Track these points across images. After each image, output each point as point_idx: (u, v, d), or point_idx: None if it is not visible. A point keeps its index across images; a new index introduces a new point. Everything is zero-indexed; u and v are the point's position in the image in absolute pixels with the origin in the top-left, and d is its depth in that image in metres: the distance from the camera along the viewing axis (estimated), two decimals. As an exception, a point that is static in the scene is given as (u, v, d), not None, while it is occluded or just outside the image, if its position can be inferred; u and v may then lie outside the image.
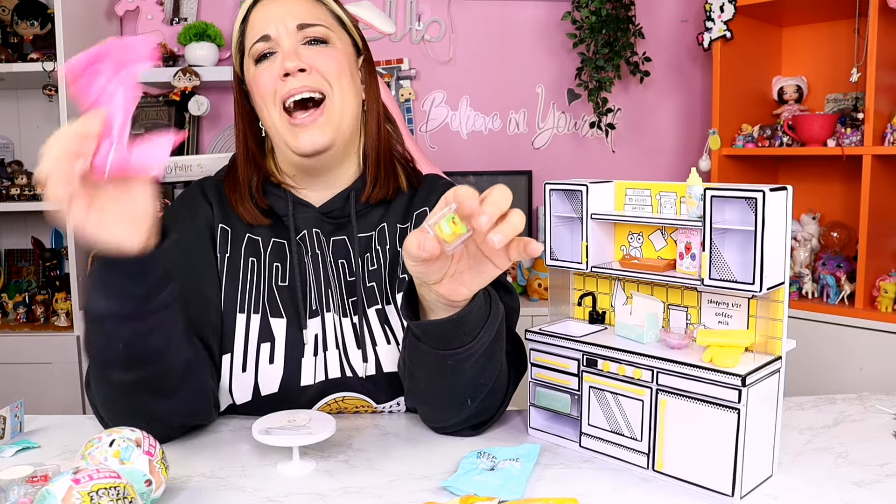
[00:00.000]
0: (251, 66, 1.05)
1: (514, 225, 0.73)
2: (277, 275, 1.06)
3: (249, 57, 1.05)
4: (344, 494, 0.82)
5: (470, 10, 2.71)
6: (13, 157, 2.62)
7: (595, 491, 0.83)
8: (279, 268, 1.06)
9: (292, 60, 1.01)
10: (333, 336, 1.04)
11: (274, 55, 1.03)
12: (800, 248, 2.36)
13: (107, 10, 2.53)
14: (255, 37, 1.04)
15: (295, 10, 1.06)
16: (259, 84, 1.03)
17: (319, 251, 1.07)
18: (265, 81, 1.02)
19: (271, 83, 1.02)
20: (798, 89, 2.53)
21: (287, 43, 1.03)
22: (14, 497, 0.72)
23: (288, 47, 1.02)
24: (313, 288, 1.06)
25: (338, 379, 1.03)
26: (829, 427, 1.00)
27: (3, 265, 2.63)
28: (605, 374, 0.89)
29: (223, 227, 1.07)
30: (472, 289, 0.81)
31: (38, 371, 2.29)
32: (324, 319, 1.05)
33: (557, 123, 2.78)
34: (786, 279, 0.82)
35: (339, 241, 1.08)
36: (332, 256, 1.07)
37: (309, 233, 1.07)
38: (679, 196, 0.88)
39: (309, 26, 1.04)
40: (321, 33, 1.05)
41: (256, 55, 1.04)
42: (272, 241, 1.07)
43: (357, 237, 1.08)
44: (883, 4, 2.05)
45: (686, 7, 2.75)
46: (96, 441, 0.77)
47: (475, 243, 0.78)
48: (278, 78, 1.01)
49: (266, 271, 1.06)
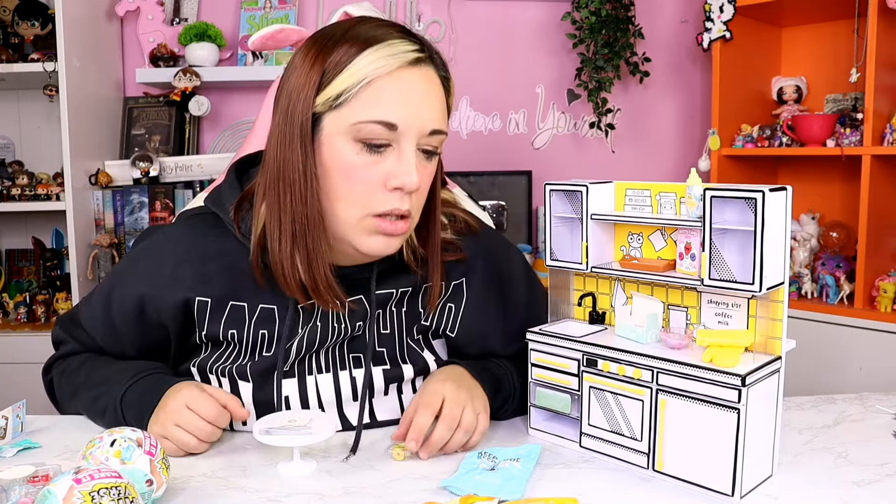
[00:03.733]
0: (348, 141, 0.86)
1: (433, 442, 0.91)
2: (262, 344, 0.97)
3: (353, 129, 0.86)
4: (344, 494, 0.82)
5: (470, 10, 2.71)
6: (14, 157, 2.62)
7: (595, 491, 0.83)
8: (265, 336, 0.96)
9: (415, 178, 0.86)
10: (316, 392, 0.99)
11: (386, 150, 0.87)
12: (799, 248, 2.36)
13: (107, 11, 2.53)
14: (380, 115, 0.85)
15: (433, 106, 0.90)
16: (356, 178, 0.87)
17: (323, 319, 0.97)
18: (367, 180, 0.87)
19: (375, 185, 0.87)
20: (797, 89, 2.53)
21: (410, 150, 0.87)
22: (15, 497, 0.72)
23: (411, 157, 0.87)
24: (303, 352, 0.98)
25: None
26: (829, 427, 1.00)
27: (3, 265, 2.63)
28: (606, 375, 0.89)
29: (200, 300, 0.96)
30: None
31: (39, 371, 2.29)
32: (316, 381, 0.99)
33: (557, 123, 2.78)
34: (785, 279, 0.82)
35: (353, 301, 0.96)
36: (344, 321, 0.98)
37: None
38: (679, 196, 0.88)
39: (437, 133, 0.90)
40: (440, 143, 0.92)
41: (368, 139, 0.86)
42: (260, 307, 0.96)
43: (375, 294, 0.98)
44: (882, 5, 2.05)
45: (686, 7, 2.75)
46: (97, 441, 0.78)
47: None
48: (383, 186, 0.87)
49: (249, 341, 0.97)
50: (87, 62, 2.37)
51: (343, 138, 0.87)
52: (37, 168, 2.52)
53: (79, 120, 2.31)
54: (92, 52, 2.42)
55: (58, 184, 2.38)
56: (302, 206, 0.87)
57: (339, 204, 0.88)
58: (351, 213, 0.88)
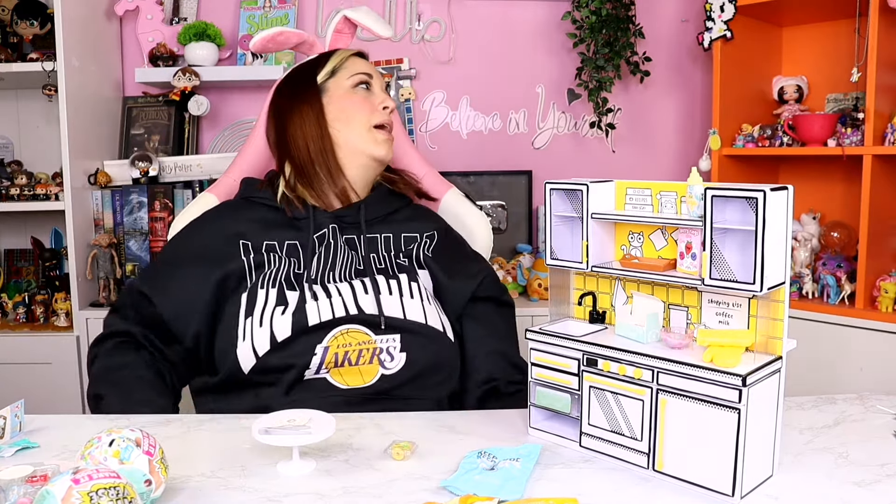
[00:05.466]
0: (347, 84, 1.34)
1: None
2: (293, 265, 1.25)
3: (349, 79, 1.34)
4: (344, 494, 0.82)
5: (470, 10, 2.70)
6: (13, 157, 2.62)
7: (595, 491, 0.83)
8: (294, 262, 1.25)
9: (392, 102, 1.36)
10: (338, 290, 1.22)
11: (371, 88, 1.36)
12: (800, 248, 2.35)
13: (106, 10, 2.52)
14: (358, 70, 1.35)
15: (374, 69, 1.40)
16: (356, 103, 1.33)
17: (333, 240, 1.28)
18: (367, 103, 1.33)
19: (370, 107, 1.33)
20: (798, 89, 2.53)
21: (381, 88, 1.37)
22: (14, 497, 0.72)
23: (384, 92, 1.37)
24: (325, 268, 1.25)
25: (343, 316, 1.18)
26: (830, 427, 1.00)
27: (2, 265, 2.63)
28: (606, 374, 0.89)
29: (244, 242, 1.27)
30: None
31: (38, 371, 2.29)
32: (337, 288, 1.23)
33: (557, 123, 2.78)
34: (786, 279, 0.82)
35: (350, 239, 1.30)
36: (345, 246, 1.29)
37: (327, 229, 1.29)
38: (679, 196, 0.88)
39: (388, 87, 1.38)
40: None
41: (358, 81, 1.34)
42: (286, 243, 1.27)
43: (365, 234, 1.31)
44: (883, 4, 2.04)
45: (686, 7, 2.75)
46: (96, 441, 0.77)
47: None
48: (378, 107, 1.33)
49: (284, 262, 1.25)
50: (86, 62, 2.37)
51: (344, 85, 1.34)
52: (36, 168, 2.51)
53: (78, 120, 2.31)
54: (91, 52, 2.42)
55: (57, 184, 2.38)
56: (320, 141, 1.31)
57: (352, 124, 1.32)
58: (360, 128, 1.32)
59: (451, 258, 1.35)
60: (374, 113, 1.33)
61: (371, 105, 1.33)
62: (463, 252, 1.41)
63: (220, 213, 1.35)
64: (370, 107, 1.33)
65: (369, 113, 1.32)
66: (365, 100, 1.33)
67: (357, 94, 1.33)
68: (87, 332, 2.29)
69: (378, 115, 1.33)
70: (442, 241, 1.36)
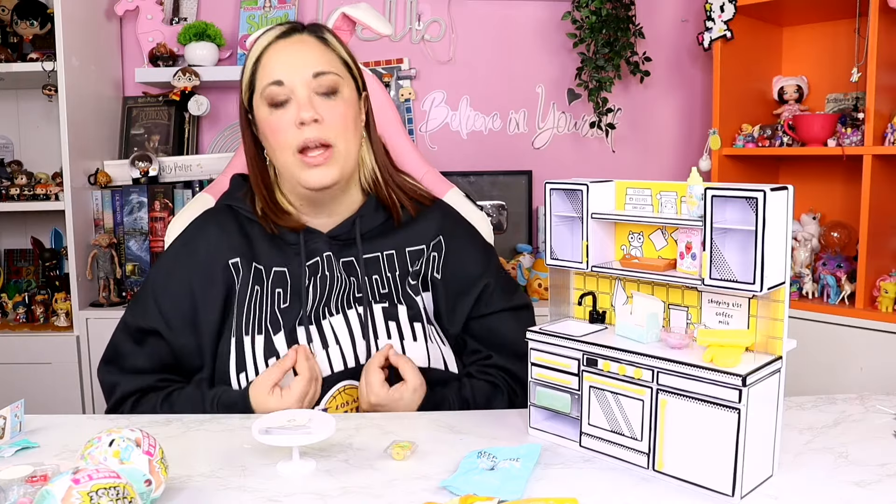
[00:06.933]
0: (263, 106, 1.14)
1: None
2: (279, 299, 1.16)
3: (262, 98, 1.14)
4: (344, 494, 0.82)
5: (470, 10, 2.70)
6: (13, 157, 2.62)
7: (595, 491, 0.83)
8: (280, 294, 1.16)
9: (308, 111, 1.11)
10: (333, 333, 1.14)
11: (288, 103, 1.13)
12: (800, 248, 2.35)
13: (106, 10, 2.52)
14: (269, 79, 1.13)
15: (308, 58, 1.14)
16: (274, 129, 1.13)
17: (329, 272, 1.18)
18: (281, 128, 1.12)
19: (287, 130, 1.12)
20: (798, 89, 2.53)
21: (302, 93, 1.12)
22: (13, 497, 0.72)
23: (303, 98, 1.12)
24: (316, 302, 1.16)
25: (341, 371, 1.13)
26: (830, 427, 1.00)
27: (2, 265, 2.63)
28: (606, 374, 0.89)
29: (234, 262, 1.17)
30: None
31: (38, 371, 2.29)
32: (330, 323, 1.15)
33: (557, 123, 2.78)
34: (786, 279, 0.82)
35: (348, 262, 1.19)
36: (342, 274, 1.18)
37: (320, 258, 1.18)
38: (679, 195, 0.88)
39: (322, 74, 1.13)
40: (333, 82, 1.14)
41: (270, 100, 1.13)
42: (273, 270, 1.18)
43: (363, 258, 1.20)
44: (883, 4, 2.04)
45: (686, 7, 2.75)
46: (96, 441, 0.77)
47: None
48: (294, 125, 1.11)
49: (268, 296, 1.16)
50: (86, 62, 2.37)
51: (261, 106, 1.15)
52: (36, 168, 2.52)
53: (78, 120, 2.31)
54: (91, 52, 2.42)
55: (57, 184, 2.38)
56: (255, 163, 1.21)
57: (276, 152, 1.14)
58: (284, 156, 1.13)
59: (455, 276, 1.23)
60: (289, 132, 1.12)
61: (289, 125, 1.12)
62: (469, 258, 1.27)
63: (205, 232, 1.22)
64: (287, 128, 1.12)
65: (289, 137, 1.12)
66: (281, 120, 1.13)
67: (273, 115, 1.13)
68: (86, 332, 2.29)
69: (294, 137, 1.11)
70: (448, 246, 1.24)
